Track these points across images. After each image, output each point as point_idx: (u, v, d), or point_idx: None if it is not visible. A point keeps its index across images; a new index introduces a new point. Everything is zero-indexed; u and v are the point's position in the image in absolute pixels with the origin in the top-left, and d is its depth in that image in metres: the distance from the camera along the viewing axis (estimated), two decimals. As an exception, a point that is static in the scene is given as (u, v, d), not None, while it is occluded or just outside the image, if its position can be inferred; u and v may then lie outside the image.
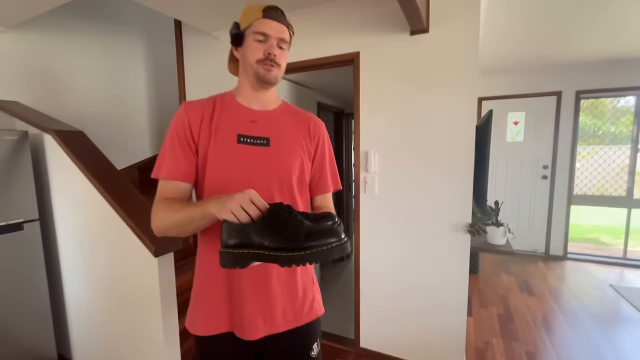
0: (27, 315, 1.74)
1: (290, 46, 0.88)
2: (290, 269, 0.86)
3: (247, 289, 0.82)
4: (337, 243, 0.64)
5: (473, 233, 1.68)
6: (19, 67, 2.17)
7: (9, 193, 1.66)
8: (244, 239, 0.62)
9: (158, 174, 0.82)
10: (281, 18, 0.83)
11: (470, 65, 1.62)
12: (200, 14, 1.98)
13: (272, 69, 0.82)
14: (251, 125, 0.85)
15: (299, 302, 0.88)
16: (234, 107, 0.87)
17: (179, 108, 0.86)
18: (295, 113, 0.95)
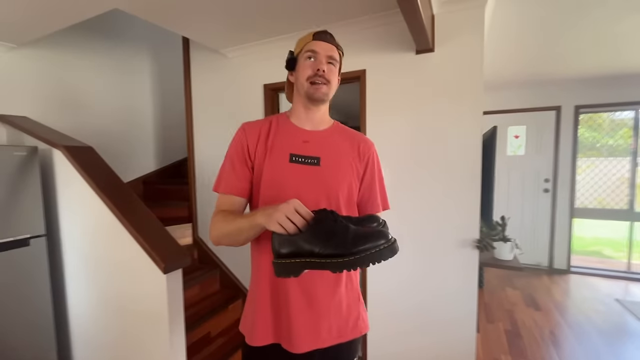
0: (29, 332, 1.70)
1: (341, 68, 0.93)
2: (335, 285, 0.88)
3: (294, 303, 0.84)
4: (385, 245, 0.65)
5: (481, 249, 1.68)
6: (29, 83, 2.20)
7: (16, 209, 1.66)
8: (294, 248, 0.65)
9: (217, 188, 0.90)
10: (330, 39, 0.88)
11: (475, 82, 1.66)
12: (209, 31, 2.02)
13: (321, 87, 0.86)
14: (303, 145, 0.89)
15: (343, 318, 0.89)
16: (288, 127, 0.92)
17: (239, 128, 0.93)
18: (346, 133, 0.97)
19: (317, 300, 0.86)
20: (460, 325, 1.77)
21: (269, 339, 0.87)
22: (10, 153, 1.65)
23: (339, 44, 0.90)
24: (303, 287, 0.85)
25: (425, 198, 1.81)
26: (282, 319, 0.85)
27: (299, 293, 0.84)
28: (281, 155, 0.87)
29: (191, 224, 2.64)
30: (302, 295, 0.85)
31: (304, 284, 0.84)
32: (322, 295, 0.86)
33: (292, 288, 0.84)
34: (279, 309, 0.86)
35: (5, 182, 1.62)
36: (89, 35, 2.53)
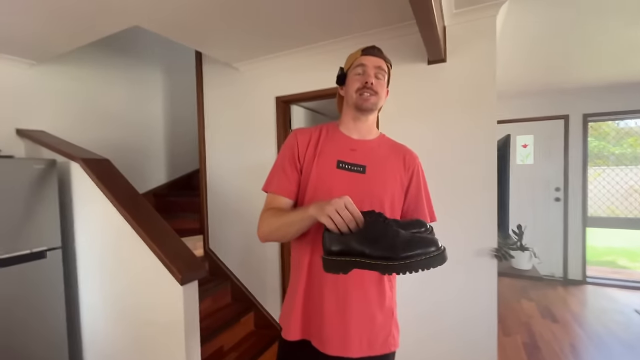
0: (43, 344, 1.69)
1: (390, 80, 0.96)
2: (371, 296, 0.89)
3: (328, 307, 0.86)
4: (435, 252, 0.66)
5: (500, 258, 1.65)
6: (48, 98, 2.25)
7: (34, 221, 1.67)
8: (345, 247, 0.66)
9: (268, 188, 0.94)
10: (378, 53, 0.92)
11: (488, 91, 1.67)
12: (222, 47, 2.07)
13: (369, 98, 0.90)
14: (351, 153, 0.92)
15: (375, 331, 0.89)
16: (337, 135, 0.96)
17: (291, 133, 0.99)
18: (392, 145, 1.00)
19: (350, 308, 0.86)
20: (481, 337, 1.72)
21: (301, 334, 0.90)
22: (30, 166, 1.68)
23: (387, 57, 0.94)
24: (338, 293, 0.86)
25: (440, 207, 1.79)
26: (315, 318, 0.88)
27: (334, 298, 0.86)
28: (329, 161, 0.91)
29: (202, 235, 2.64)
30: (336, 301, 0.86)
31: (340, 290, 0.86)
32: (356, 304, 0.87)
33: (327, 292, 0.86)
34: (313, 308, 0.88)
35: (24, 194, 1.64)
36: (104, 52, 2.60)
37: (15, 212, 1.61)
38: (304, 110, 2.52)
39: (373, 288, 0.90)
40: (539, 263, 1.84)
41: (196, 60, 2.62)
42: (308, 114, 2.58)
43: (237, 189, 2.45)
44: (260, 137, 2.34)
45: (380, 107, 0.95)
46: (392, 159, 0.96)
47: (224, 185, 2.52)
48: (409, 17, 1.65)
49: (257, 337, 2.30)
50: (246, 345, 2.20)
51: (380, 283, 0.91)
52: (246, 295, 2.46)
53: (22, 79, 2.10)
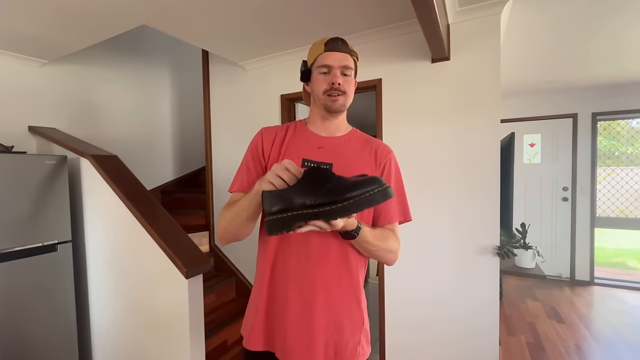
0: (53, 335, 1.74)
1: (357, 72, 0.92)
2: (339, 302, 0.84)
3: (292, 313, 0.81)
4: (378, 189, 0.62)
5: (502, 256, 1.65)
6: (58, 97, 2.31)
7: (45, 215, 1.73)
8: (285, 203, 0.63)
9: (231, 188, 0.91)
10: (343, 47, 0.87)
11: (492, 89, 1.67)
12: (228, 45, 2.10)
13: (338, 98, 0.86)
14: (317, 151, 0.89)
15: (343, 340, 0.84)
16: (304, 133, 0.93)
17: (257, 133, 0.96)
18: (364, 140, 0.95)
19: (316, 315, 0.81)
20: (482, 335, 1.72)
21: (263, 345, 0.85)
22: (42, 162, 1.73)
23: (352, 50, 0.88)
24: (303, 297, 0.81)
25: (443, 206, 1.80)
26: (277, 327, 0.83)
27: (298, 303, 0.81)
28: (294, 159, 0.81)
29: (208, 232, 2.68)
30: (300, 306, 0.81)
31: (305, 294, 0.81)
32: (323, 310, 0.82)
33: (291, 297, 0.82)
34: (276, 316, 0.84)
35: (36, 189, 1.69)
36: (112, 51, 2.65)
37: (28, 206, 1.66)
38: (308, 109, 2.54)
39: (341, 293, 0.84)
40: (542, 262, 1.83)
41: (203, 59, 2.65)
42: (312, 112, 2.60)
43: (242, 186, 2.48)
44: (265, 135, 2.36)
45: (348, 105, 0.91)
46: (362, 154, 0.92)
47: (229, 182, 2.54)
48: (413, 15, 1.65)
49: (260, 332, 2.33)
50: (250, 339, 2.23)
51: (348, 288, 0.86)
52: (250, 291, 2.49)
53: (34, 78, 2.16)
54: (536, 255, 1.73)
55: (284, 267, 0.83)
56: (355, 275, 0.87)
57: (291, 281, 0.82)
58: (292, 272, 0.82)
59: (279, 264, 0.84)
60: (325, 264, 0.82)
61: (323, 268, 0.82)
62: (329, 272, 0.83)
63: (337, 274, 0.84)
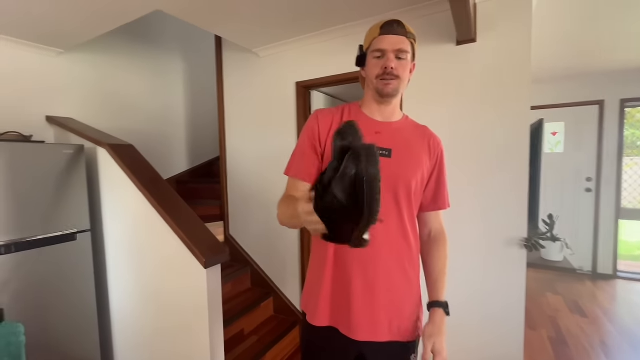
0: (75, 322, 1.77)
1: (415, 54, 0.89)
2: (399, 284, 0.88)
3: (356, 291, 0.85)
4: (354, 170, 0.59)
5: (530, 248, 1.58)
6: (74, 86, 2.30)
7: (64, 204, 1.73)
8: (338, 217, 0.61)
9: (288, 172, 0.93)
10: (398, 30, 0.84)
11: (522, 73, 1.57)
12: (243, 31, 2.04)
13: (390, 82, 0.85)
14: (375, 137, 0.88)
15: (404, 317, 0.89)
16: (360, 117, 0.91)
17: (312, 115, 0.95)
18: (416, 127, 0.97)
19: (379, 295, 0.86)
20: (508, 332, 1.67)
21: (329, 321, 0.89)
22: (60, 151, 1.72)
23: (409, 32, 0.86)
24: (366, 280, 0.85)
25: (468, 194, 1.73)
26: (342, 304, 0.87)
27: (361, 285, 0.85)
28: None
29: (223, 222, 2.67)
30: (363, 288, 0.85)
31: (368, 277, 0.85)
32: (384, 291, 0.87)
33: (355, 280, 0.85)
34: (340, 296, 0.87)
35: (55, 178, 1.70)
36: (127, 40, 2.63)
37: (47, 195, 1.66)
38: (324, 97, 2.47)
39: (400, 275, 0.89)
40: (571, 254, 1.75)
41: (216, 47, 2.60)
42: (328, 100, 2.53)
43: (256, 175, 2.45)
44: (280, 124, 2.32)
45: (403, 90, 0.91)
46: (417, 141, 0.93)
47: (244, 172, 2.52)
48: (437, -6, 1.56)
49: (277, 322, 2.33)
50: (266, 329, 2.23)
51: (409, 269, 0.90)
52: (266, 281, 2.49)
53: (50, 67, 2.16)
54: (564, 247, 1.65)
55: (346, 251, 0.85)
56: (415, 256, 0.93)
57: (354, 264, 0.85)
58: (355, 256, 0.85)
59: (341, 250, 0.86)
60: (387, 246, 0.86)
61: (384, 250, 0.86)
62: (389, 254, 0.87)
63: (397, 255, 0.88)
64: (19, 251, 1.55)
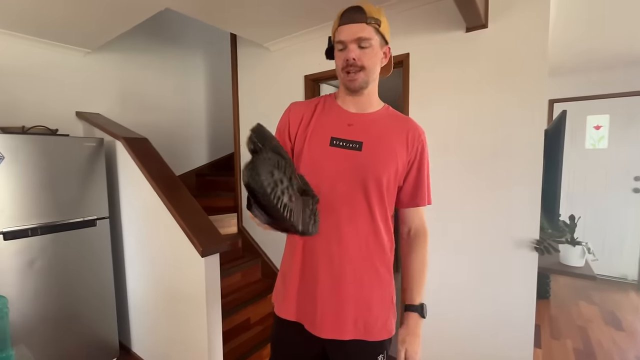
0: (94, 305, 1.93)
1: (386, 37, 0.84)
2: (368, 280, 0.85)
3: (321, 290, 0.84)
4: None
5: (541, 251, 1.46)
6: (101, 83, 2.48)
7: (86, 192, 1.88)
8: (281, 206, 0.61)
9: None
10: (357, 17, 0.79)
11: (537, 62, 1.44)
12: (252, 25, 2.06)
13: (356, 76, 0.82)
14: (347, 129, 0.86)
15: (374, 316, 0.86)
16: (334, 109, 0.90)
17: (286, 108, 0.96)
18: (396, 118, 0.91)
19: (346, 291, 0.84)
20: (516, 338, 1.56)
21: (295, 316, 0.89)
22: (82, 144, 1.87)
23: (371, 16, 0.80)
24: (333, 274, 0.84)
25: (474, 192, 1.63)
26: (308, 300, 0.86)
27: (328, 280, 0.84)
28: (323, 138, 0.85)
29: (236, 213, 2.76)
30: (330, 282, 0.84)
31: (335, 271, 0.84)
32: (352, 286, 0.84)
33: (321, 273, 0.84)
34: (307, 290, 0.87)
35: (77, 169, 1.85)
36: (148, 39, 2.77)
37: (70, 184, 1.82)
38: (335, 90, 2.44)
39: (369, 273, 0.86)
40: (593, 260, 1.59)
41: (231, 43, 2.67)
42: (339, 93, 2.50)
43: (268, 169, 2.49)
44: (290, 118, 2.33)
45: (372, 80, 0.85)
46: (393, 134, 0.87)
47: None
48: (442, -22, 1.47)
49: (283, 314, 2.36)
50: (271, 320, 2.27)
51: (379, 266, 0.87)
52: (275, 273, 2.54)
53: (79, 66, 2.34)
54: (586, 252, 1.50)
55: (314, 245, 0.85)
56: (388, 253, 0.89)
57: (321, 260, 0.84)
58: (322, 251, 0.84)
59: (309, 242, 0.86)
60: (355, 243, 0.84)
61: (353, 248, 0.84)
62: (358, 251, 0.84)
63: (366, 253, 0.85)
64: (44, 234, 1.72)
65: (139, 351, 2.04)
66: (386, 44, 0.85)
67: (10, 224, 1.61)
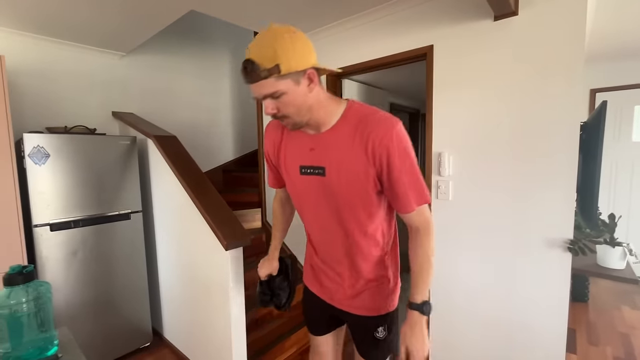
0: (129, 293, 2.06)
1: (296, 70, 0.72)
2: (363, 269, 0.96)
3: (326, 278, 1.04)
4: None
5: (576, 252, 1.37)
6: (136, 84, 2.63)
7: (121, 188, 2.01)
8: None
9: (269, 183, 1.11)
10: (251, 77, 0.71)
11: (573, 49, 1.34)
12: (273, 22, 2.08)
13: (285, 121, 0.80)
14: (310, 154, 0.86)
15: (366, 301, 0.98)
16: (296, 134, 0.89)
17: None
18: (356, 126, 0.80)
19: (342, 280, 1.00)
20: (546, 342, 1.48)
21: (316, 292, 1.09)
22: (117, 142, 2.00)
23: (264, 69, 0.69)
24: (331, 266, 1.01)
25: (502, 188, 1.56)
26: (322, 285, 1.06)
27: (330, 269, 1.03)
28: (294, 167, 0.90)
29: (260, 208, 2.82)
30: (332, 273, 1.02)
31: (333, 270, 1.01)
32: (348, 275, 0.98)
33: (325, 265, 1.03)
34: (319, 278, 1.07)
35: (113, 165, 1.97)
36: (179, 41, 2.89)
37: (107, 180, 1.95)
38: (358, 85, 2.41)
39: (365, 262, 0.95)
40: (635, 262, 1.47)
41: (255, 41, 2.71)
42: (362, 88, 2.46)
43: (290, 165, 2.52)
44: (312, 114, 2.34)
45: (305, 117, 0.78)
46: (354, 150, 0.80)
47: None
48: (468, -36, 1.40)
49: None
50: (294, 312, 2.31)
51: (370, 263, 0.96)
52: (298, 268, 2.57)
53: (115, 69, 2.49)
54: (627, 254, 1.39)
55: (318, 253, 1.04)
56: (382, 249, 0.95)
57: (324, 263, 1.03)
58: (324, 258, 1.02)
59: (311, 237, 1.05)
60: (336, 260, 0.98)
61: (343, 253, 0.96)
62: (347, 250, 0.94)
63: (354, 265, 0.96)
64: (85, 226, 1.86)
65: (170, 337, 2.17)
66: (304, 73, 0.74)
67: (56, 216, 1.76)
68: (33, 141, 1.67)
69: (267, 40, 0.71)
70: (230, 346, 1.62)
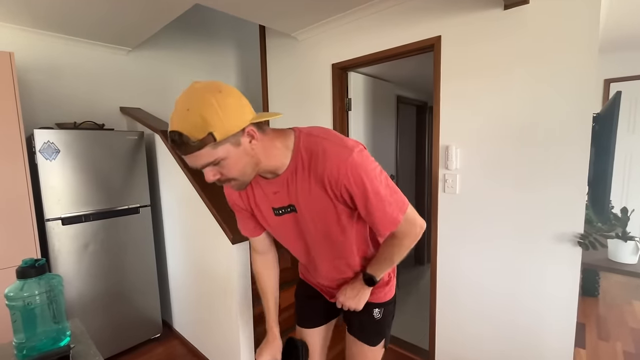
0: (140, 285, 2.10)
1: (233, 131, 0.65)
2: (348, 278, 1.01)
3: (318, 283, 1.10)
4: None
5: (586, 246, 1.35)
6: (142, 79, 2.64)
7: (130, 183, 2.03)
8: None
9: (242, 232, 1.03)
10: (183, 149, 0.63)
11: (586, 38, 1.30)
12: (280, 17, 2.07)
13: (231, 184, 0.74)
14: (276, 197, 0.85)
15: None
16: (259, 180, 0.85)
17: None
18: (309, 166, 0.76)
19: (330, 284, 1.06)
20: (554, 337, 1.47)
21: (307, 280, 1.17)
22: (125, 137, 2.01)
23: (195, 141, 0.62)
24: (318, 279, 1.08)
25: (510, 181, 1.53)
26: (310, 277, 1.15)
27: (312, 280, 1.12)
28: (267, 211, 0.88)
29: (267, 203, 2.83)
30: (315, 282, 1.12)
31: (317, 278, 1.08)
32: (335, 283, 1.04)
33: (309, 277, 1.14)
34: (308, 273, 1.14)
35: (122, 160, 2.00)
36: (184, 36, 2.88)
37: (116, 175, 1.98)
38: (363, 78, 2.37)
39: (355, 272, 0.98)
40: (648, 257, 1.44)
41: (260, 35, 2.69)
42: (368, 81, 2.42)
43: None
44: (316, 108, 2.33)
45: (256, 161, 0.73)
46: (314, 190, 0.78)
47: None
48: (478, -48, 1.36)
49: (312, 301, 2.42)
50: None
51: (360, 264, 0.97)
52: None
53: (122, 64, 2.50)
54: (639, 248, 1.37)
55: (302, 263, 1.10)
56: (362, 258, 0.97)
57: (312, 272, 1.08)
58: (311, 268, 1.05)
59: (300, 260, 1.07)
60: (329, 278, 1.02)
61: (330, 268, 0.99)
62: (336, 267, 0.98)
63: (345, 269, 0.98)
64: (95, 220, 1.89)
65: (180, 329, 2.21)
66: (243, 132, 0.67)
67: (67, 210, 1.79)
68: (43, 137, 1.70)
69: (193, 107, 0.62)
70: (237, 338, 1.65)
